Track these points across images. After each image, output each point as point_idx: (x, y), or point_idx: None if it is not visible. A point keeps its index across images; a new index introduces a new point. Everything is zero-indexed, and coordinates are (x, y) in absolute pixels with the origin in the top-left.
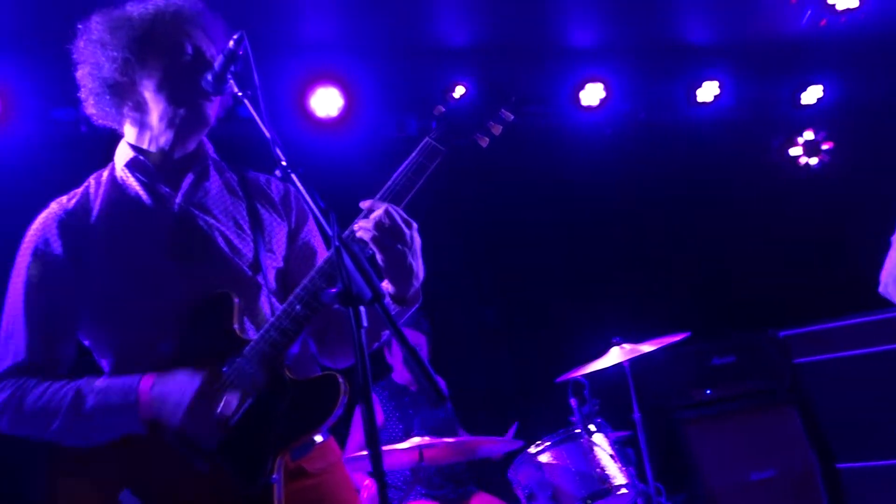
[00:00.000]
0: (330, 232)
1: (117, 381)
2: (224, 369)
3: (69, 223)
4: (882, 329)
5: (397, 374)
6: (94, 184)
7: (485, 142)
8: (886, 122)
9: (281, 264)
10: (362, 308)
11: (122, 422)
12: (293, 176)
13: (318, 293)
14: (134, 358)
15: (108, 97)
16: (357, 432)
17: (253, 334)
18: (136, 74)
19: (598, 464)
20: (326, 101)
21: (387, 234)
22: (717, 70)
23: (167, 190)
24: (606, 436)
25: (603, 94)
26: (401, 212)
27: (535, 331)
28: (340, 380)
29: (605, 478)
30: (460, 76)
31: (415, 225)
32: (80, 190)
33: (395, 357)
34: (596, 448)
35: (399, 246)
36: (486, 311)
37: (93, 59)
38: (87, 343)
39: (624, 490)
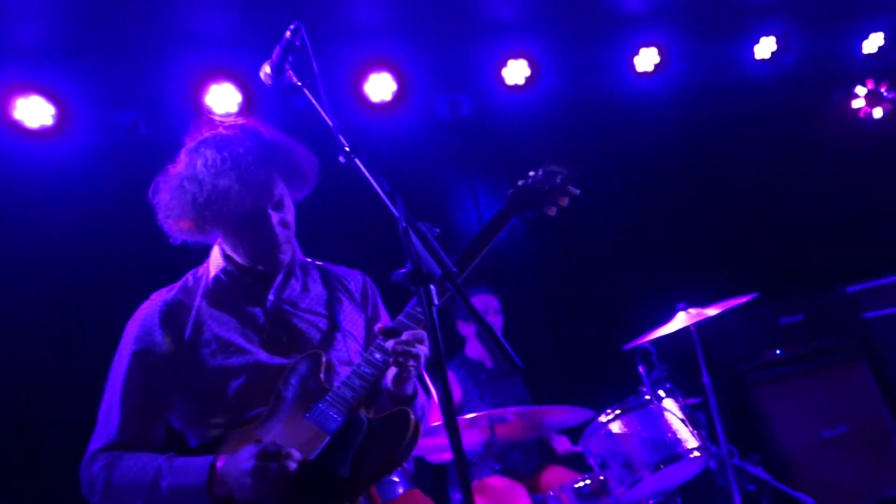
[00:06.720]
0: (396, 214)
1: (194, 461)
2: (307, 415)
3: (169, 315)
4: None
5: (470, 348)
6: (192, 279)
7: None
8: None
9: (361, 348)
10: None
11: (192, 501)
12: (356, 161)
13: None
14: (229, 428)
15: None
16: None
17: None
18: (211, 227)
19: (669, 429)
20: (380, 87)
21: (408, 356)
22: (774, 25)
23: (260, 288)
24: (676, 401)
25: (657, 60)
26: (417, 334)
27: (600, 299)
28: (412, 416)
29: (677, 442)
30: (512, 50)
31: (426, 339)
32: (178, 284)
33: (468, 329)
34: (666, 413)
35: (413, 363)
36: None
37: (169, 219)
38: (177, 425)
39: (696, 454)
